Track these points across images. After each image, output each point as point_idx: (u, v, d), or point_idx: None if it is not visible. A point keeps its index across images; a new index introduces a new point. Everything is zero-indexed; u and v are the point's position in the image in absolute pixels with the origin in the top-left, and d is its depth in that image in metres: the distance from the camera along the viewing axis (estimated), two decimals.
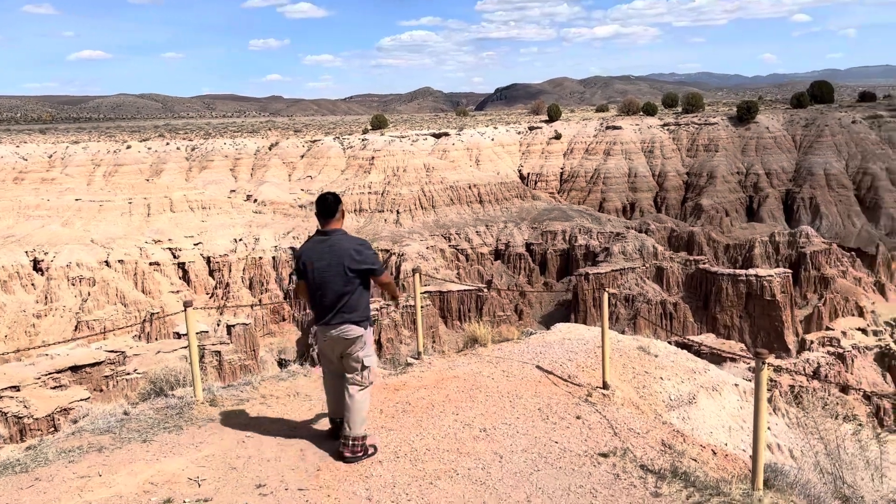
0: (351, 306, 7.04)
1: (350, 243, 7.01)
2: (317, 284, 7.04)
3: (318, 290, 7.05)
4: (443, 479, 6.63)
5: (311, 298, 7.18)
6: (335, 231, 7.12)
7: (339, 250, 6.98)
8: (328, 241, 7.08)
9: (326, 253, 7.02)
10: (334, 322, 7.03)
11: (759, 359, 6.19)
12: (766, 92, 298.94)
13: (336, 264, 6.96)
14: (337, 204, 7.18)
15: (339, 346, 7.13)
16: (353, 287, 7.02)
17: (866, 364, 61.40)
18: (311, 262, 7.06)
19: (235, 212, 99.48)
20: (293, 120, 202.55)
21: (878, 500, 7.31)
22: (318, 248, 7.08)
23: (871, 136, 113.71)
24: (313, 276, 7.05)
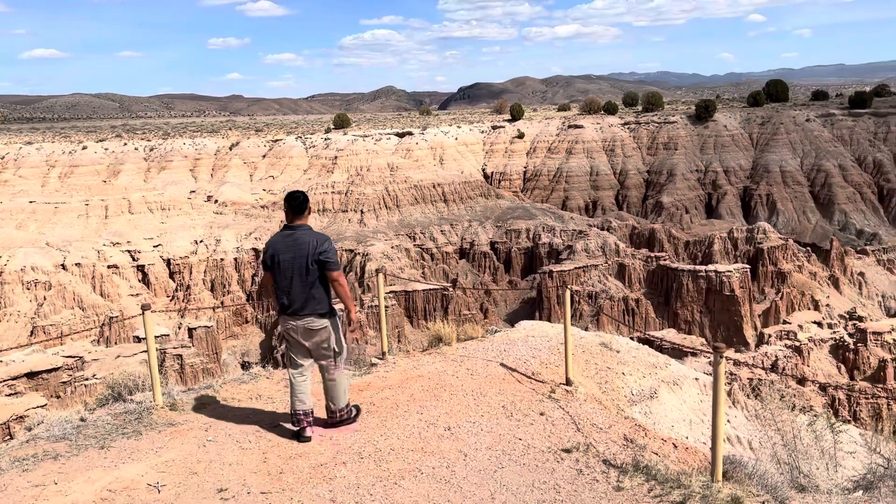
0: (315, 298, 7.51)
1: (312, 237, 7.48)
2: (283, 276, 7.49)
3: (283, 282, 7.50)
4: (407, 479, 6.62)
5: (277, 290, 7.60)
6: (301, 226, 7.59)
7: (304, 244, 7.44)
8: (294, 235, 7.53)
9: (292, 246, 7.47)
10: (300, 313, 7.50)
11: (717, 353, 6.31)
12: (723, 91, 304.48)
13: (300, 257, 7.41)
14: (306, 202, 7.67)
15: (305, 336, 7.59)
16: (315, 279, 7.46)
17: (822, 356, 62.95)
18: (278, 254, 7.51)
19: (196, 213, 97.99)
20: (254, 119, 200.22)
21: (833, 488, 7.49)
22: (285, 242, 7.53)
23: (824, 134, 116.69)
24: (280, 268, 7.50)
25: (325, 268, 7.48)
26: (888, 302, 76.01)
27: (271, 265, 7.59)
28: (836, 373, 61.58)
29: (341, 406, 7.80)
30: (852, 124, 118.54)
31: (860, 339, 62.77)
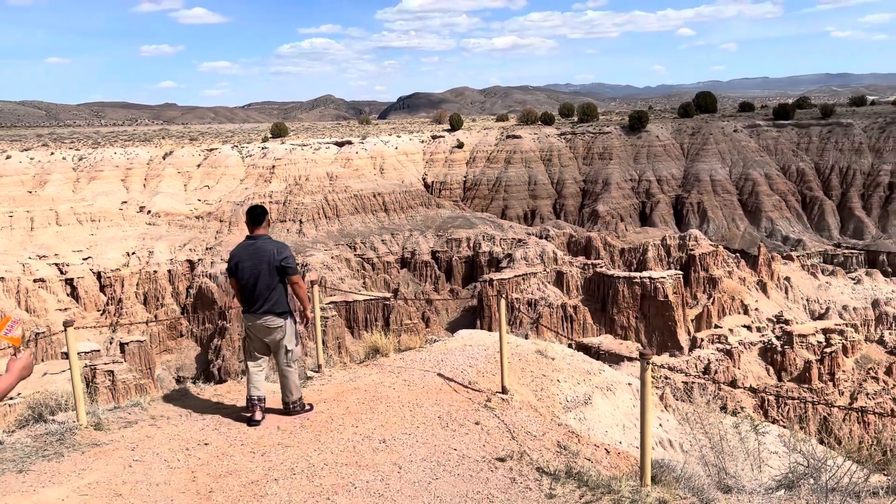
0: (272, 299, 8.41)
1: (273, 245, 8.42)
2: (245, 281, 8.40)
3: (246, 286, 8.41)
4: (340, 494, 6.55)
5: (241, 292, 8.54)
6: (261, 236, 8.49)
7: (264, 252, 8.34)
8: (255, 244, 8.45)
9: (253, 254, 8.38)
10: (259, 312, 8.42)
11: (644, 360, 6.46)
12: (655, 102, 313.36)
13: (260, 263, 8.31)
14: (264, 214, 8.61)
15: (263, 333, 8.51)
16: (274, 283, 8.39)
17: (752, 359, 65.21)
18: (241, 262, 8.43)
19: (127, 224, 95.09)
20: (188, 128, 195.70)
21: (757, 487, 7.74)
22: (247, 251, 8.45)
23: (751, 144, 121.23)
24: (242, 273, 8.41)
25: (286, 273, 8.41)
26: (812, 305, 79.27)
27: (235, 271, 8.48)
28: (766, 374, 63.86)
29: (294, 399, 8.60)
30: (777, 135, 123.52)
31: (787, 342, 65.27)
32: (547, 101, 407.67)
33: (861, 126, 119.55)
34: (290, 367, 8.64)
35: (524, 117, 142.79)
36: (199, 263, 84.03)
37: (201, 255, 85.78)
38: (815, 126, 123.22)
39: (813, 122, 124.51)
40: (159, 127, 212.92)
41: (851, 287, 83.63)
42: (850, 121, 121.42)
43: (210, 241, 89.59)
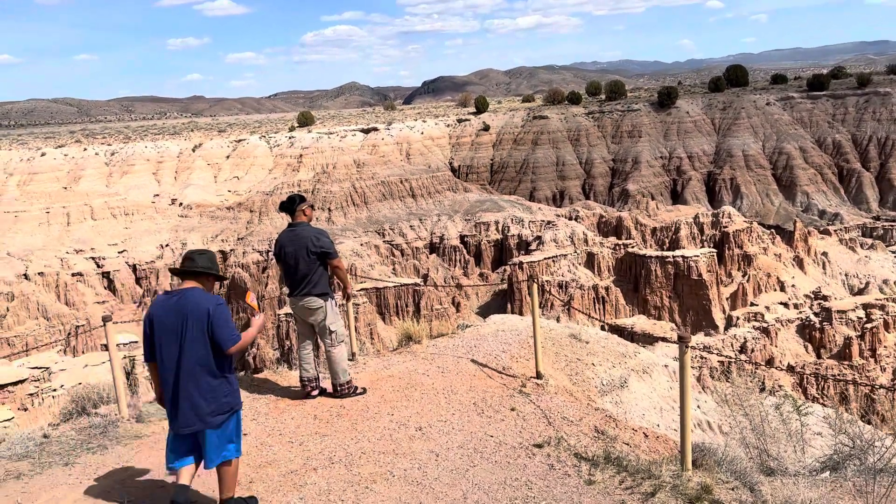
0: (313, 282, 8.84)
1: (311, 232, 8.82)
2: (288, 265, 8.88)
3: (288, 269, 8.90)
4: (379, 483, 6.57)
5: (285, 276, 9.08)
6: (300, 223, 8.93)
7: (303, 238, 8.78)
8: (295, 230, 8.90)
9: (293, 240, 8.83)
10: (300, 294, 8.87)
11: (682, 343, 6.34)
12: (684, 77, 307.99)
13: (300, 248, 8.73)
14: (291, 204, 8.94)
15: (306, 314, 8.97)
16: (314, 267, 8.81)
17: (789, 336, 64.19)
18: (284, 247, 8.90)
19: (160, 217, 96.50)
20: (216, 120, 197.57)
21: (800, 470, 7.60)
22: (288, 237, 8.91)
23: (784, 117, 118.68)
24: (285, 258, 8.88)
25: (325, 258, 8.86)
26: (851, 280, 77.65)
27: (280, 256, 8.98)
28: (804, 352, 62.84)
29: (342, 381, 8.94)
30: (811, 107, 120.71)
31: (825, 318, 64.09)
32: (573, 80, 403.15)
33: None
34: (335, 348, 8.98)
35: (550, 97, 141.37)
36: (231, 254, 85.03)
37: (233, 246, 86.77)
38: (852, 96, 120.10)
39: (849, 93, 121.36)
40: (188, 120, 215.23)
41: (892, 260, 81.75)
42: (888, 90, 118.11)
43: (241, 231, 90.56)
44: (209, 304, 5.78)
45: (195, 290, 5.90)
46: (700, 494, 5.97)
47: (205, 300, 5.81)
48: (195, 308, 5.76)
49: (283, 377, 10.15)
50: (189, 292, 5.87)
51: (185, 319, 5.76)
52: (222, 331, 5.74)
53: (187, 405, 5.81)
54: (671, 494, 6.08)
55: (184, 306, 5.80)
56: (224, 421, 5.93)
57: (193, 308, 5.77)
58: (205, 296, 5.85)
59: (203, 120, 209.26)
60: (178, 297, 5.86)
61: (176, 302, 5.85)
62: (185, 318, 5.76)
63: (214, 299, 5.85)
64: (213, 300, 5.84)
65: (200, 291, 5.91)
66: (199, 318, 5.74)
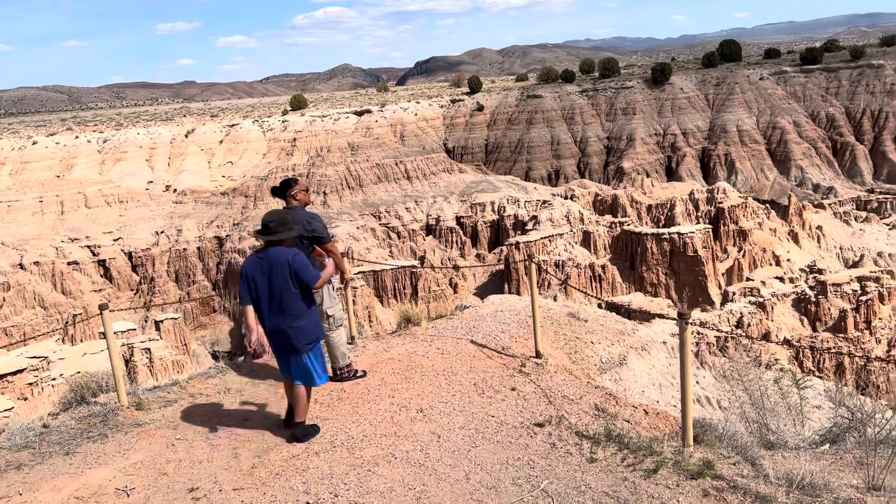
0: None
1: (303, 216, 8.53)
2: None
3: None
4: (381, 465, 6.58)
5: None
6: (294, 208, 8.64)
7: (297, 222, 8.30)
8: (291, 212, 8.41)
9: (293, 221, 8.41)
10: None
11: (682, 320, 6.33)
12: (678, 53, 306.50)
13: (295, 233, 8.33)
14: (286, 187, 8.70)
15: None
16: (307, 252, 8.47)
17: (785, 310, 64.45)
18: None
19: (155, 203, 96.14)
20: (209, 105, 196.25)
21: (800, 443, 7.64)
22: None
23: (778, 92, 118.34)
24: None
25: (318, 242, 8.62)
26: (846, 253, 77.85)
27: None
28: (800, 326, 63.16)
29: (342, 365, 8.90)
30: (805, 80, 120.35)
31: (821, 292, 64.35)
32: (567, 58, 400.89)
33: (892, 66, 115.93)
34: (333, 332, 8.88)
35: (544, 76, 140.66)
36: (227, 239, 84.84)
37: (229, 231, 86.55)
38: (845, 69, 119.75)
39: (842, 66, 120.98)
40: (180, 105, 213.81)
41: (886, 233, 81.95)
42: (881, 62, 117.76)
43: (236, 216, 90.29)
44: (288, 256, 7.21)
45: (277, 249, 7.29)
46: (702, 470, 5.99)
47: (284, 254, 7.22)
48: (278, 262, 7.19)
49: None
50: (272, 251, 7.27)
51: (271, 272, 7.19)
52: (305, 273, 7.21)
53: (282, 336, 7.34)
54: (673, 470, 6.09)
55: (269, 262, 7.22)
56: (310, 348, 7.42)
57: (277, 262, 7.19)
58: (284, 251, 7.26)
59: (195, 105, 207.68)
60: (265, 255, 7.29)
61: (263, 259, 7.28)
62: (272, 271, 7.19)
63: (292, 252, 7.29)
64: (291, 253, 7.28)
65: (281, 248, 7.30)
66: (282, 269, 7.17)
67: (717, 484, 5.84)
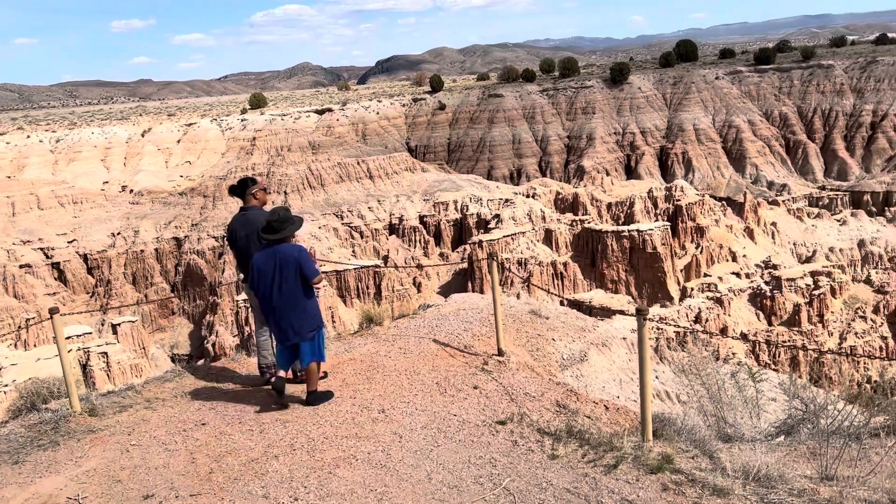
0: None
1: (262, 216, 8.51)
2: (241, 250, 8.79)
3: (241, 255, 8.79)
4: (342, 467, 6.50)
5: (239, 262, 8.98)
6: (252, 207, 8.85)
7: (254, 222, 8.56)
8: (246, 215, 8.82)
9: (245, 224, 8.74)
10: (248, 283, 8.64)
11: (640, 315, 6.39)
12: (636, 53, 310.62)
13: (252, 233, 8.56)
14: (244, 187, 8.90)
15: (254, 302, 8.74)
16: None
17: (741, 305, 65.81)
18: (235, 231, 8.82)
19: (111, 204, 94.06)
20: (166, 103, 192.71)
21: (757, 435, 7.78)
22: (241, 221, 8.83)
23: (733, 91, 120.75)
24: (237, 243, 8.82)
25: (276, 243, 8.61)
26: (799, 249, 79.84)
27: (232, 242, 8.90)
28: (756, 320, 64.54)
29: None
30: (759, 80, 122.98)
31: (776, 287, 65.84)
32: (527, 57, 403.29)
33: (842, 67, 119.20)
34: None
35: (505, 75, 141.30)
36: (185, 240, 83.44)
37: (187, 232, 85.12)
38: (797, 69, 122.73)
39: (794, 66, 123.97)
40: (136, 104, 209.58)
41: (837, 228, 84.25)
42: (830, 62, 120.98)
43: (195, 217, 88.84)
44: (295, 252, 7.92)
45: (283, 245, 7.96)
46: (661, 464, 6.05)
47: (291, 250, 7.93)
48: (286, 256, 7.88)
49: (241, 364, 9.99)
50: (279, 248, 7.94)
51: (279, 266, 7.87)
52: (308, 268, 7.93)
53: (288, 326, 7.98)
54: (633, 465, 6.15)
55: (278, 257, 7.89)
56: (314, 334, 8.12)
57: (285, 257, 7.88)
58: (291, 247, 7.97)
59: (152, 104, 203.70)
60: (273, 251, 7.93)
61: (272, 254, 7.92)
62: (280, 265, 7.86)
63: (298, 248, 7.99)
64: (297, 249, 7.99)
65: (287, 245, 7.98)
66: (290, 263, 7.87)
67: (676, 478, 5.90)
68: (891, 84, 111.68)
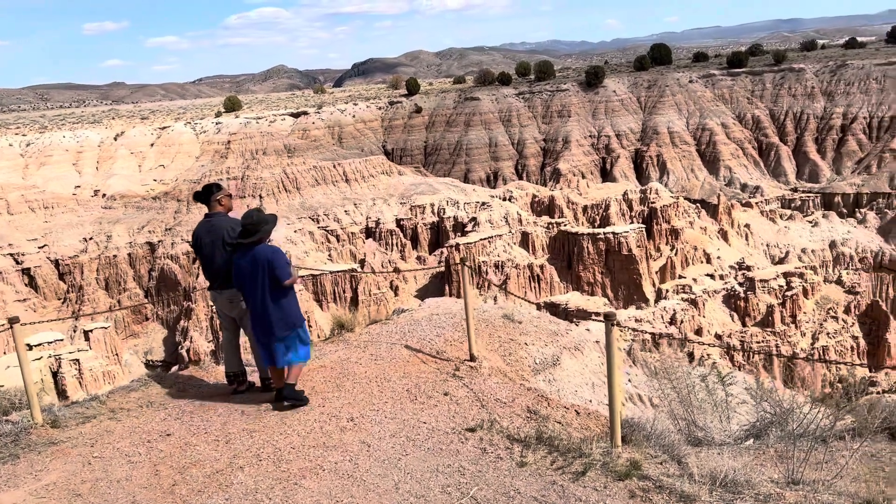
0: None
1: (227, 223, 8.60)
2: (206, 257, 8.69)
3: (207, 262, 8.70)
4: (308, 478, 6.41)
5: (204, 268, 8.86)
6: (217, 214, 8.74)
7: (219, 229, 8.56)
8: (211, 221, 8.71)
9: (210, 231, 8.64)
10: (220, 287, 8.69)
11: (608, 321, 6.37)
12: (611, 57, 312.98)
13: (217, 239, 8.53)
14: (209, 193, 8.78)
15: (227, 308, 8.78)
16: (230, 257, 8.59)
17: (716, 306, 66.49)
18: (200, 238, 8.71)
19: (82, 209, 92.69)
20: (139, 107, 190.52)
21: (726, 438, 7.81)
22: (205, 228, 8.72)
23: (707, 94, 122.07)
24: (202, 250, 8.70)
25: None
26: (772, 250, 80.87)
27: (198, 248, 8.76)
28: (730, 321, 65.24)
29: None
30: (731, 83, 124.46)
31: (749, 288, 66.62)
32: (503, 60, 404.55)
33: (813, 70, 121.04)
34: None
35: (481, 78, 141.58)
36: (159, 245, 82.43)
37: (161, 237, 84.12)
38: (769, 73, 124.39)
39: (766, 69, 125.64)
40: (108, 107, 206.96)
41: (809, 230, 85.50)
42: (802, 66, 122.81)
43: (169, 221, 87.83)
44: (269, 253, 8.05)
45: (260, 247, 8.13)
46: (629, 471, 6.03)
47: (266, 251, 8.08)
48: (261, 258, 8.02)
49: (209, 373, 9.84)
50: (256, 249, 8.11)
51: (256, 266, 8.02)
52: (280, 270, 8.01)
53: (260, 325, 8.17)
54: (601, 472, 6.12)
55: (254, 257, 8.06)
56: (287, 335, 8.18)
57: (260, 258, 8.02)
58: (265, 248, 8.12)
59: (124, 107, 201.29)
60: (252, 252, 8.10)
61: (251, 255, 8.09)
62: (256, 266, 8.02)
63: (272, 249, 8.11)
64: (272, 250, 8.10)
65: (263, 246, 8.14)
66: (264, 265, 7.99)
67: (644, 484, 5.88)
68: (860, 87, 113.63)
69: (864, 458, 6.57)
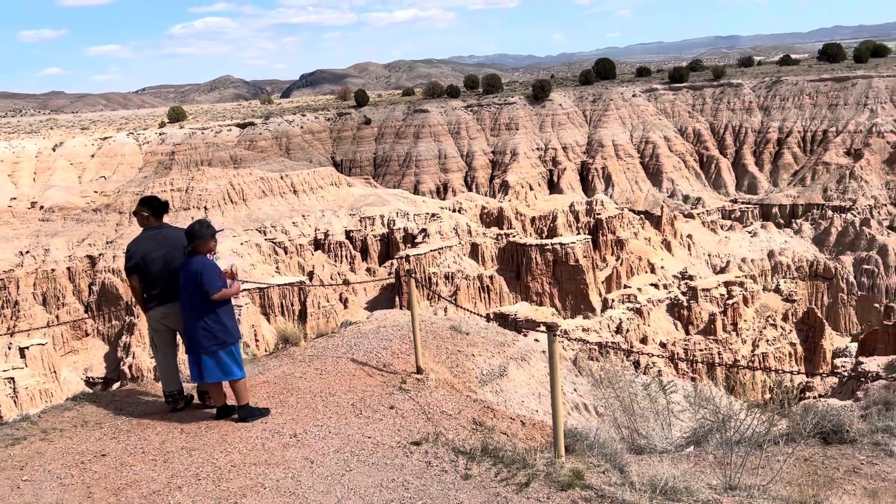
0: None
1: (179, 232, 8.25)
2: (158, 272, 8.20)
3: (159, 277, 8.21)
4: (248, 497, 6.27)
5: (151, 284, 8.28)
6: (164, 224, 8.44)
7: (172, 238, 8.25)
8: (161, 232, 8.34)
9: (162, 243, 8.24)
10: (171, 301, 8.22)
11: (550, 332, 6.43)
12: (557, 71, 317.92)
13: (173, 250, 8.16)
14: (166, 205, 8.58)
15: (177, 322, 8.29)
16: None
17: (660, 315, 67.88)
18: (149, 252, 8.19)
19: (18, 221, 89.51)
20: (79, 116, 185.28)
21: (668, 446, 7.95)
22: (155, 240, 8.27)
23: (649, 108, 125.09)
24: (154, 265, 8.19)
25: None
26: (714, 260, 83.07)
27: (144, 265, 8.19)
28: (674, 329, 66.66)
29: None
30: (673, 98, 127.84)
31: (692, 297, 68.24)
32: (452, 73, 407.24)
33: (750, 86, 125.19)
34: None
35: (430, 91, 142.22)
36: (100, 258, 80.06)
37: (102, 250, 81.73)
38: (708, 87, 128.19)
39: (706, 84, 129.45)
40: (46, 117, 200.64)
41: (748, 240, 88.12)
42: (739, 81, 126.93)
43: (110, 234, 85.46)
44: (200, 266, 7.83)
45: (197, 258, 7.92)
46: (572, 481, 6.08)
47: (198, 263, 7.86)
48: (193, 269, 7.83)
49: (149, 389, 9.57)
50: (193, 259, 7.91)
51: (189, 277, 7.85)
52: (207, 282, 7.79)
53: (190, 337, 8.02)
54: (545, 483, 6.15)
55: (188, 268, 7.89)
56: (218, 350, 7.96)
57: (192, 269, 7.84)
58: (200, 260, 7.89)
59: (64, 117, 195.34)
60: (188, 261, 7.94)
61: (187, 265, 7.93)
62: (190, 276, 7.84)
63: (203, 262, 7.87)
64: (202, 262, 7.87)
65: (200, 257, 7.92)
66: (194, 277, 7.80)
67: (586, 494, 5.94)
68: (794, 102, 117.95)
69: (797, 462, 6.77)
